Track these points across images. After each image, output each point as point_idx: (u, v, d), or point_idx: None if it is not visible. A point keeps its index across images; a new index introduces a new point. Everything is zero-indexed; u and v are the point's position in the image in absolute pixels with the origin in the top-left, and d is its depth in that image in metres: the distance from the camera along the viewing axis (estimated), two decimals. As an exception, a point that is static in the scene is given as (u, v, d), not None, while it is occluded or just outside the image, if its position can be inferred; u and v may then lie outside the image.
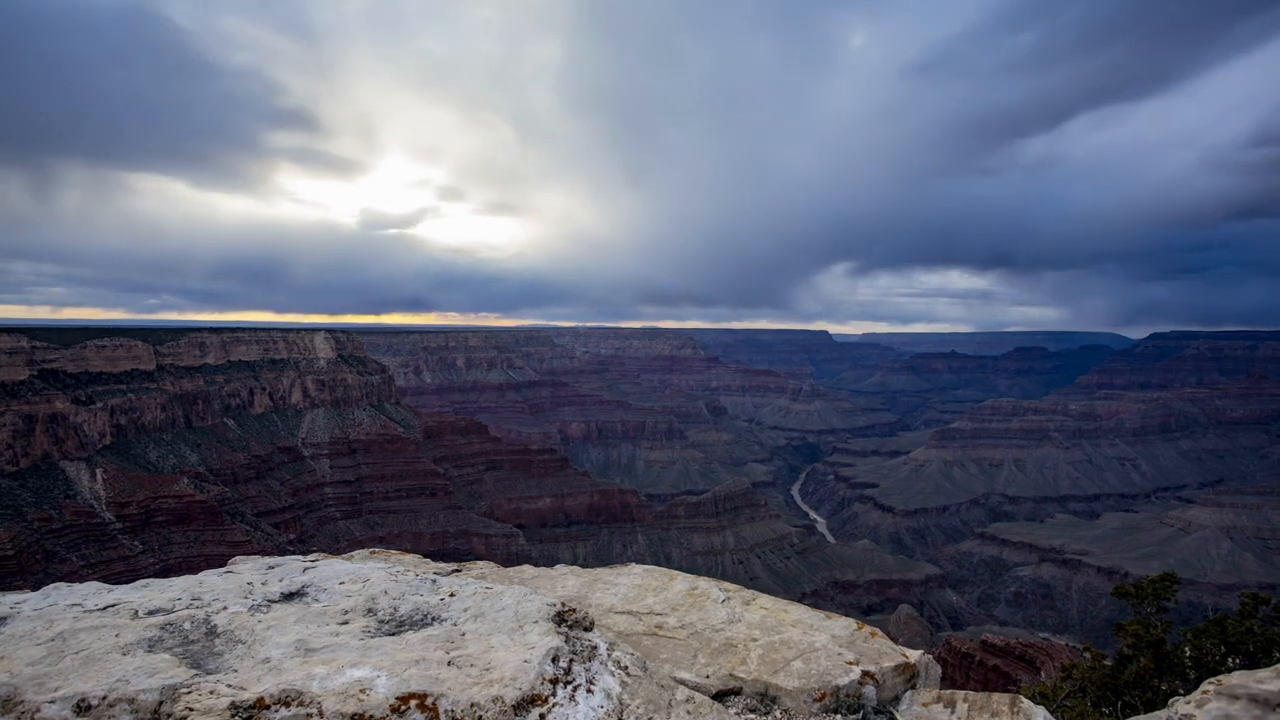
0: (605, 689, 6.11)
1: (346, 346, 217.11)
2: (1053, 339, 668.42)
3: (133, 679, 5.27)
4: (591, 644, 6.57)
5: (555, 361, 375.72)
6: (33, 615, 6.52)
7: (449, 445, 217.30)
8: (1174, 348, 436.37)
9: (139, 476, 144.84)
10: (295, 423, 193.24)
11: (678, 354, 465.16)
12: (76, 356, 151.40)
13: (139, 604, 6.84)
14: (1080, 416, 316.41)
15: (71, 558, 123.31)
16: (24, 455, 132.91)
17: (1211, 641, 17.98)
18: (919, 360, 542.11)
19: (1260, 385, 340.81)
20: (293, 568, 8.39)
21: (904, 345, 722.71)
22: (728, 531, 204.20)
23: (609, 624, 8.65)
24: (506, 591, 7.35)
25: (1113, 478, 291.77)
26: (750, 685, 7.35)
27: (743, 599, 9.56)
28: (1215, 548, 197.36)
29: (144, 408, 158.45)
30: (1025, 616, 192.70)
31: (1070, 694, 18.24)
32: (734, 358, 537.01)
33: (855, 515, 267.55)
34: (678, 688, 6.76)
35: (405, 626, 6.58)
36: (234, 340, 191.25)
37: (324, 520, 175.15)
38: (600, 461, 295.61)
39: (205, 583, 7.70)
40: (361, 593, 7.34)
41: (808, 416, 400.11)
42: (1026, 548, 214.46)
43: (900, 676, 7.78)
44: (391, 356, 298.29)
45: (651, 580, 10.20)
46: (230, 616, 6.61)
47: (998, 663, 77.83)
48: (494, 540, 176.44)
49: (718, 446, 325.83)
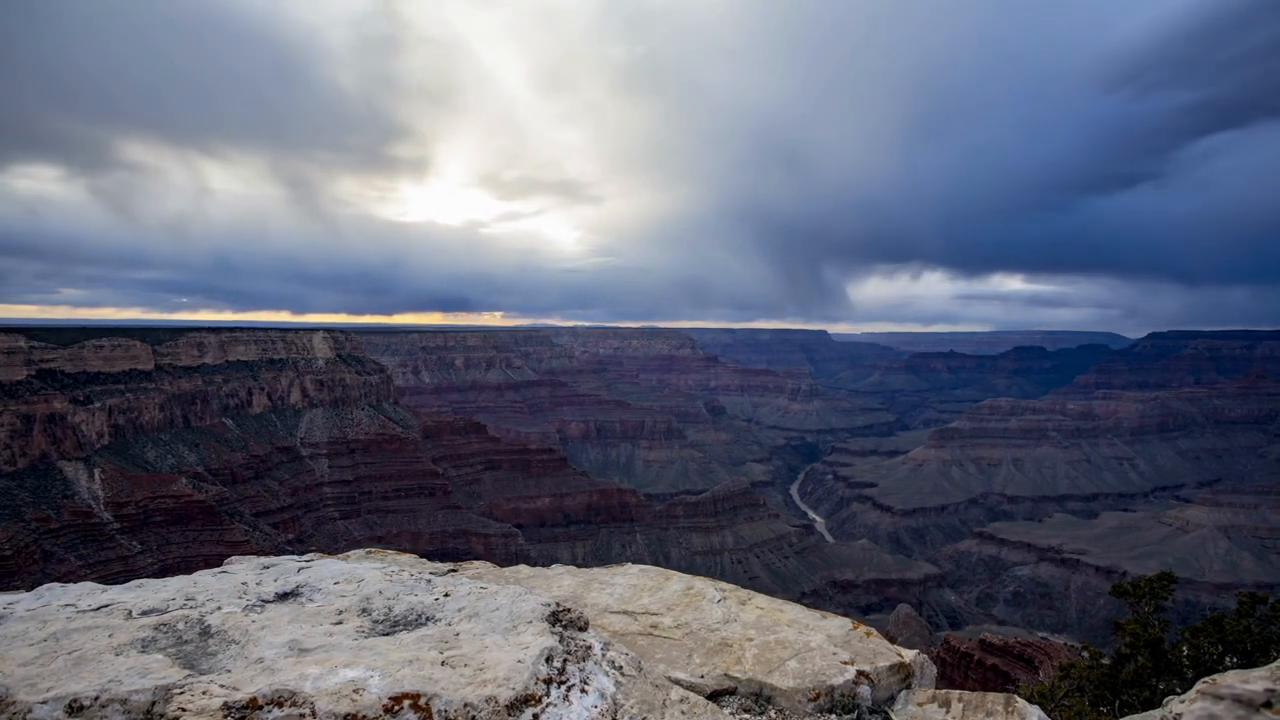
0: (599, 689, 6.11)
1: (345, 346, 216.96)
2: (1051, 339, 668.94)
3: (125, 679, 5.26)
4: (586, 644, 6.56)
5: (554, 361, 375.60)
6: (26, 616, 6.50)
7: (448, 445, 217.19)
8: (1172, 347, 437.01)
9: (137, 476, 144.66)
10: (294, 423, 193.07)
11: (676, 354, 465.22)
12: (74, 356, 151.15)
13: (133, 604, 6.83)
14: (1078, 416, 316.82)
15: (70, 558, 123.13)
16: (22, 455, 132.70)
17: (1209, 640, 18.00)
18: (918, 360, 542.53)
19: (1258, 385, 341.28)
20: (287, 568, 8.38)
21: (903, 345, 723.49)
22: (726, 531, 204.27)
23: (604, 624, 8.65)
24: (501, 591, 7.35)
25: (1111, 477, 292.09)
26: (745, 685, 7.34)
27: (738, 599, 9.55)
28: (1213, 547, 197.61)
29: (142, 408, 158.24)
30: (1024, 616, 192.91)
31: (1068, 693, 18.26)
32: (732, 357, 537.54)
33: (854, 515, 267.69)
34: (672, 688, 6.76)
35: (399, 626, 6.57)
36: (232, 340, 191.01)
37: (323, 520, 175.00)
38: (599, 461, 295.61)
39: (200, 583, 7.69)
40: (356, 593, 7.33)
41: (806, 416, 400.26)
42: (1025, 547, 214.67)
43: (895, 676, 7.78)
44: (390, 356, 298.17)
45: (647, 580, 10.19)
46: (224, 617, 6.59)
47: (996, 662, 77.85)
48: (493, 540, 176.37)
49: (716, 446, 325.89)
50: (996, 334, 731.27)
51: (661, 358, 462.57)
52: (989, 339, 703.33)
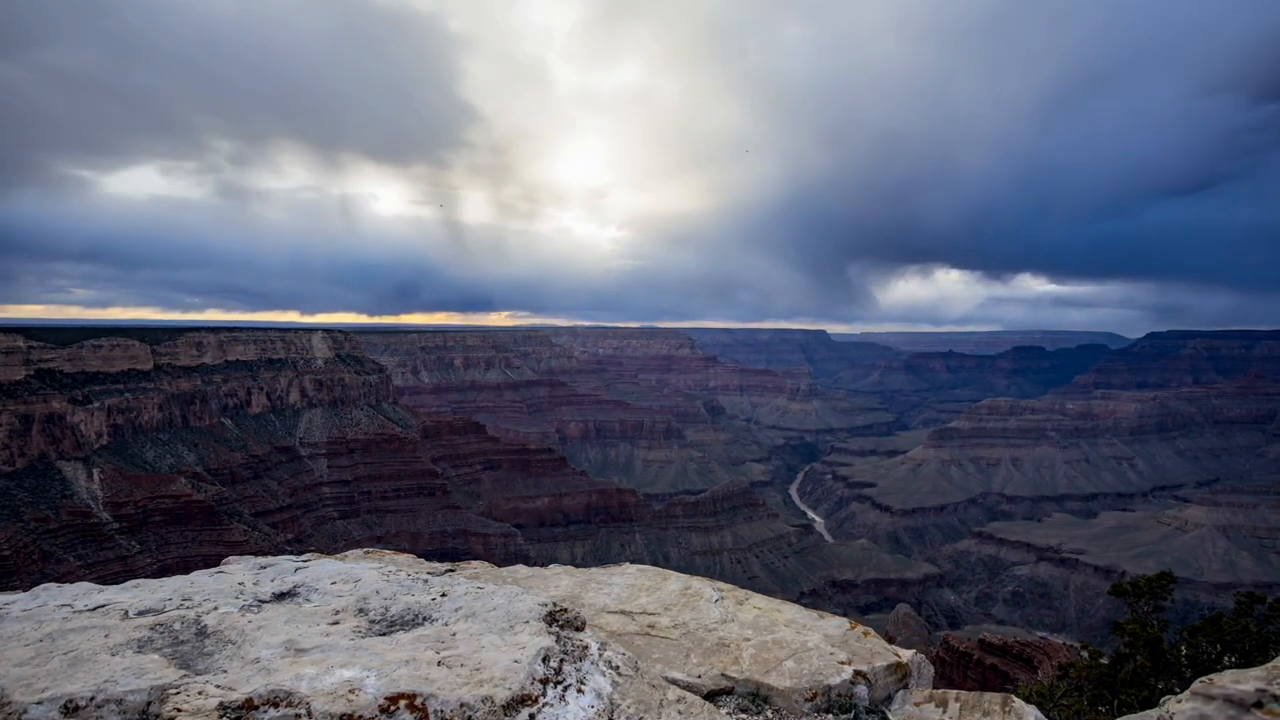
0: (596, 689, 6.10)
1: (344, 346, 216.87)
2: (1050, 338, 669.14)
3: (121, 680, 5.25)
4: (583, 644, 6.56)
5: (553, 361, 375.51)
6: (21, 616, 6.49)
7: (447, 445, 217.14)
8: (1171, 347, 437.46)
9: (136, 476, 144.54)
10: (293, 422, 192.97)
11: (675, 354, 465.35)
12: (73, 356, 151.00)
13: (129, 604, 6.82)
14: (1077, 416, 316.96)
15: (68, 558, 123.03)
16: (21, 455, 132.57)
17: (1208, 640, 18.04)
18: (917, 360, 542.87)
19: (1257, 384, 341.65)
20: (284, 568, 8.37)
21: (901, 345, 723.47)
22: (726, 531, 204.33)
23: (602, 624, 8.64)
24: (498, 591, 7.34)
25: (1110, 477, 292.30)
26: (742, 685, 7.34)
27: (736, 599, 9.55)
28: (1212, 546, 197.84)
29: (141, 407, 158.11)
30: (1023, 615, 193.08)
31: (1067, 692, 18.27)
32: (732, 357, 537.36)
33: (853, 515, 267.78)
34: (669, 688, 6.75)
35: (396, 627, 6.56)
36: (231, 340, 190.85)
37: (322, 520, 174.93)
38: (598, 461, 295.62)
39: (196, 583, 7.68)
40: (353, 593, 7.33)
41: (805, 416, 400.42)
42: (1024, 547, 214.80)
43: (892, 676, 7.78)
44: (389, 356, 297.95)
45: (645, 580, 10.19)
46: (220, 617, 6.58)
47: (995, 661, 77.89)
48: (492, 540, 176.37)
49: (716, 446, 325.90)
50: (995, 334, 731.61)
51: (660, 357, 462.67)
52: (988, 339, 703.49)
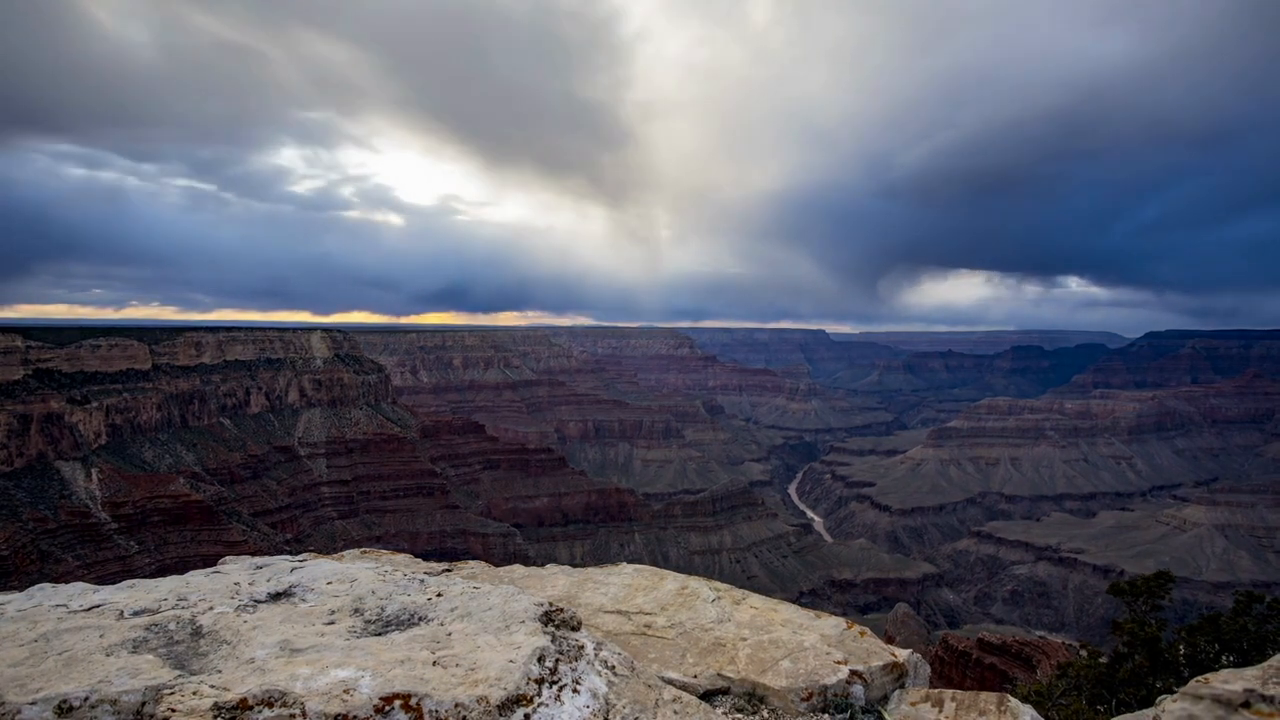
0: (591, 689, 6.10)
1: (343, 346, 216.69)
2: (1049, 338, 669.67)
3: (115, 680, 5.24)
4: (578, 644, 6.55)
5: (552, 361, 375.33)
6: (16, 616, 6.48)
7: (446, 445, 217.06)
8: (1169, 347, 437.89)
9: (135, 476, 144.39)
10: (291, 422, 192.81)
11: (674, 353, 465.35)
12: (72, 356, 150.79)
13: (124, 604, 6.81)
14: (1076, 415, 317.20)
15: (67, 558, 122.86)
16: (19, 455, 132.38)
17: (1206, 639, 18.05)
18: (916, 359, 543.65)
19: (1255, 384, 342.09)
20: (281, 568, 8.36)
21: (900, 344, 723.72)
22: (725, 531, 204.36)
23: (598, 624, 8.64)
24: (494, 591, 7.33)
25: (1108, 476, 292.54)
26: (738, 685, 7.34)
27: (733, 598, 9.55)
28: (1210, 546, 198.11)
29: (140, 407, 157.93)
30: (1021, 614, 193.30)
31: (1065, 692, 18.27)
32: (731, 357, 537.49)
33: (852, 514, 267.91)
34: (665, 687, 6.75)
35: (391, 626, 6.56)
36: (230, 340, 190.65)
37: (320, 520, 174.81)
38: (597, 461, 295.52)
39: (192, 583, 7.67)
40: (349, 593, 7.32)
41: (805, 415, 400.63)
42: (1023, 546, 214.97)
43: (888, 675, 7.78)
44: (388, 356, 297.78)
45: (642, 580, 10.18)
46: (216, 617, 6.58)
47: (994, 661, 77.88)
48: (491, 540, 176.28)
49: (715, 446, 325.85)
50: (994, 333, 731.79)
51: (660, 357, 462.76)
52: (986, 338, 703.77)
